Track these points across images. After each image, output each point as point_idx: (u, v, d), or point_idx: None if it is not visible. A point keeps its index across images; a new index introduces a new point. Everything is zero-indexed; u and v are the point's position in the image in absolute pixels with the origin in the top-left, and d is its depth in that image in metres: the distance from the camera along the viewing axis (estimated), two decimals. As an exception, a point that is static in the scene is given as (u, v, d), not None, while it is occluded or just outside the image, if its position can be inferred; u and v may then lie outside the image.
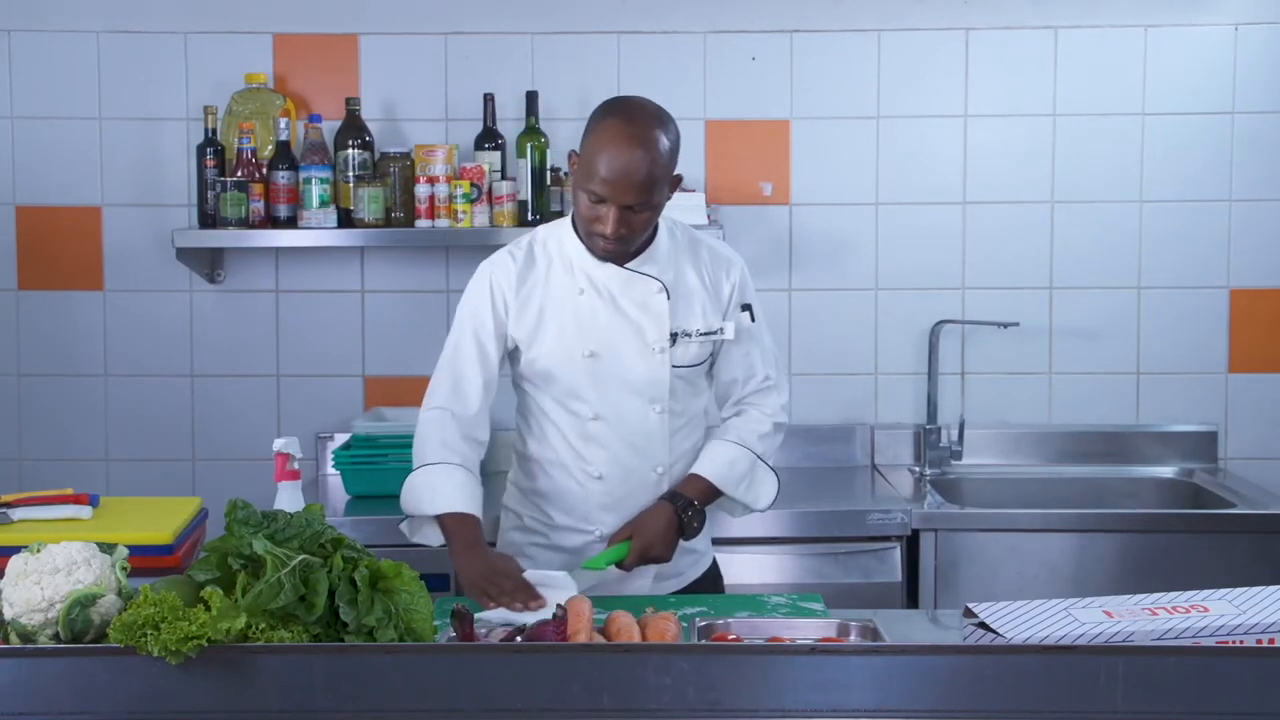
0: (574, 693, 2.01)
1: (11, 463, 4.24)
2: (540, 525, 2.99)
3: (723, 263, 2.97)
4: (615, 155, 2.70)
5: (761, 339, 3.01)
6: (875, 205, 4.29)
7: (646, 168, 2.71)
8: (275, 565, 2.09)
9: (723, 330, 2.93)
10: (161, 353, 4.26)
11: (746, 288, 2.98)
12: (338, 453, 3.94)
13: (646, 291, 2.89)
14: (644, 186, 2.72)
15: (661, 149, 2.74)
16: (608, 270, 2.88)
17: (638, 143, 2.71)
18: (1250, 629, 2.15)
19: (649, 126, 2.75)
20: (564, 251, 2.92)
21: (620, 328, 2.88)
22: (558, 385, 2.90)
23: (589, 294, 2.88)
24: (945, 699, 2.01)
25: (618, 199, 2.72)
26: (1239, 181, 4.26)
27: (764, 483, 2.98)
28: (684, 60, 4.25)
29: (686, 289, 2.92)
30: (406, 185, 4.07)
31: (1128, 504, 4.17)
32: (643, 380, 2.89)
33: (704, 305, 2.93)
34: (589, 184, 2.74)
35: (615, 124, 2.74)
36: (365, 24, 4.24)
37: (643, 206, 2.75)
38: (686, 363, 2.92)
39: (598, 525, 2.94)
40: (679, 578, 3.01)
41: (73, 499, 2.70)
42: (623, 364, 2.88)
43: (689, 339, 2.90)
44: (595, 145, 2.74)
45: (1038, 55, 4.26)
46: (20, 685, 2.03)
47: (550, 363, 2.88)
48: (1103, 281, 4.29)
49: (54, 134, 4.23)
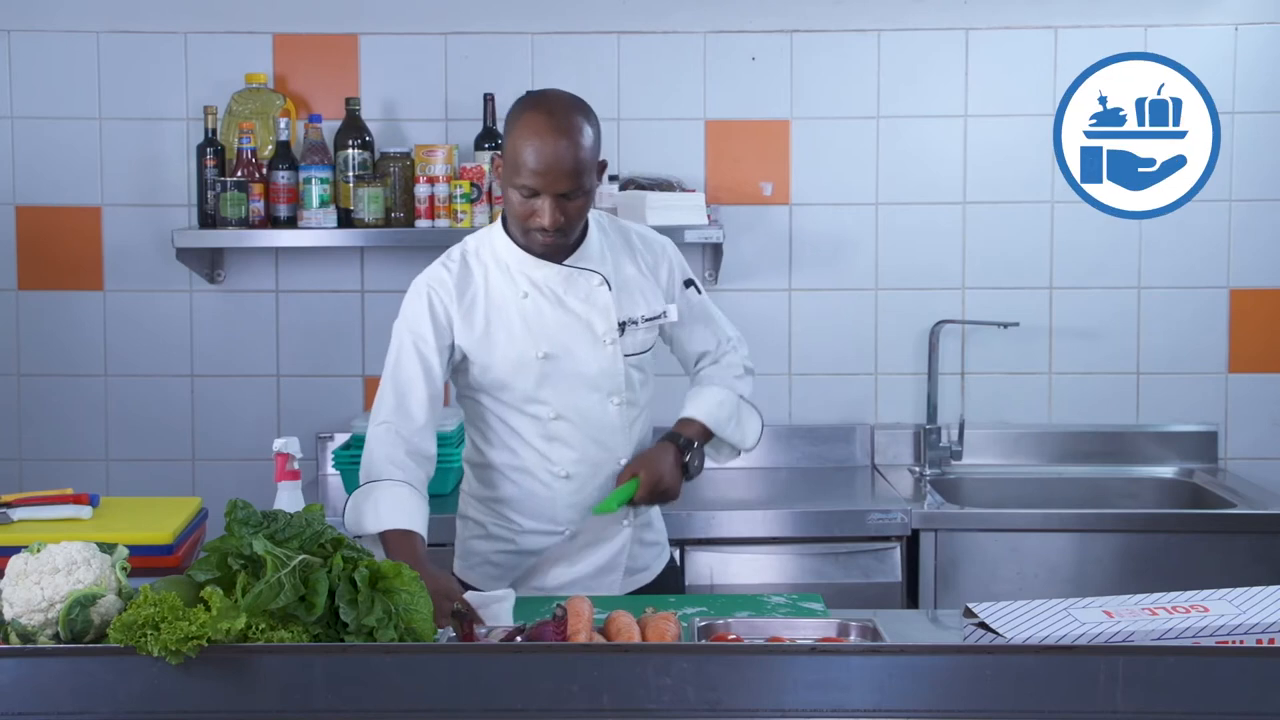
0: (574, 693, 2.01)
1: (11, 463, 4.24)
2: (505, 531, 2.98)
3: (654, 247, 3.04)
4: (542, 146, 2.73)
5: (711, 308, 3.11)
6: (875, 205, 4.29)
7: (574, 154, 2.74)
8: (275, 565, 2.09)
9: (666, 314, 2.98)
10: (161, 353, 4.27)
11: (683, 265, 3.06)
12: (338, 453, 3.94)
13: (588, 286, 2.91)
14: (574, 173, 2.75)
15: (586, 134, 2.78)
16: (548, 270, 2.90)
17: (562, 131, 2.74)
18: (1250, 629, 2.15)
19: (570, 114, 2.78)
20: (499, 257, 2.92)
21: (569, 325, 2.90)
22: (514, 390, 2.90)
23: (533, 296, 2.89)
24: (945, 699, 2.01)
25: (551, 188, 2.75)
26: (1239, 182, 4.26)
27: (750, 421, 3.06)
28: (684, 60, 4.25)
29: (626, 278, 2.96)
30: (406, 185, 4.07)
31: (1128, 504, 4.18)
32: (598, 374, 2.91)
33: (644, 291, 2.98)
34: (519, 180, 2.76)
35: (537, 116, 2.77)
36: (365, 24, 4.24)
37: (575, 193, 2.78)
38: (637, 350, 2.96)
39: (565, 525, 2.95)
40: (646, 571, 3.04)
41: (73, 499, 2.70)
42: (577, 360, 2.90)
43: (636, 327, 2.94)
44: (520, 140, 2.76)
45: (1038, 55, 4.26)
46: (20, 685, 2.03)
47: (504, 369, 2.89)
48: (1103, 281, 4.29)
49: (54, 134, 4.23)
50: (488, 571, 2.99)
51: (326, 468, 4.16)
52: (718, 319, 3.12)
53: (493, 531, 3.00)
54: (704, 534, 3.71)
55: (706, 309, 3.09)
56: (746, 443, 3.06)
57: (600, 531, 2.97)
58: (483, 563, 3.00)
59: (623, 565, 2.99)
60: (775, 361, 4.30)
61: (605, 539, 2.98)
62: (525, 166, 2.74)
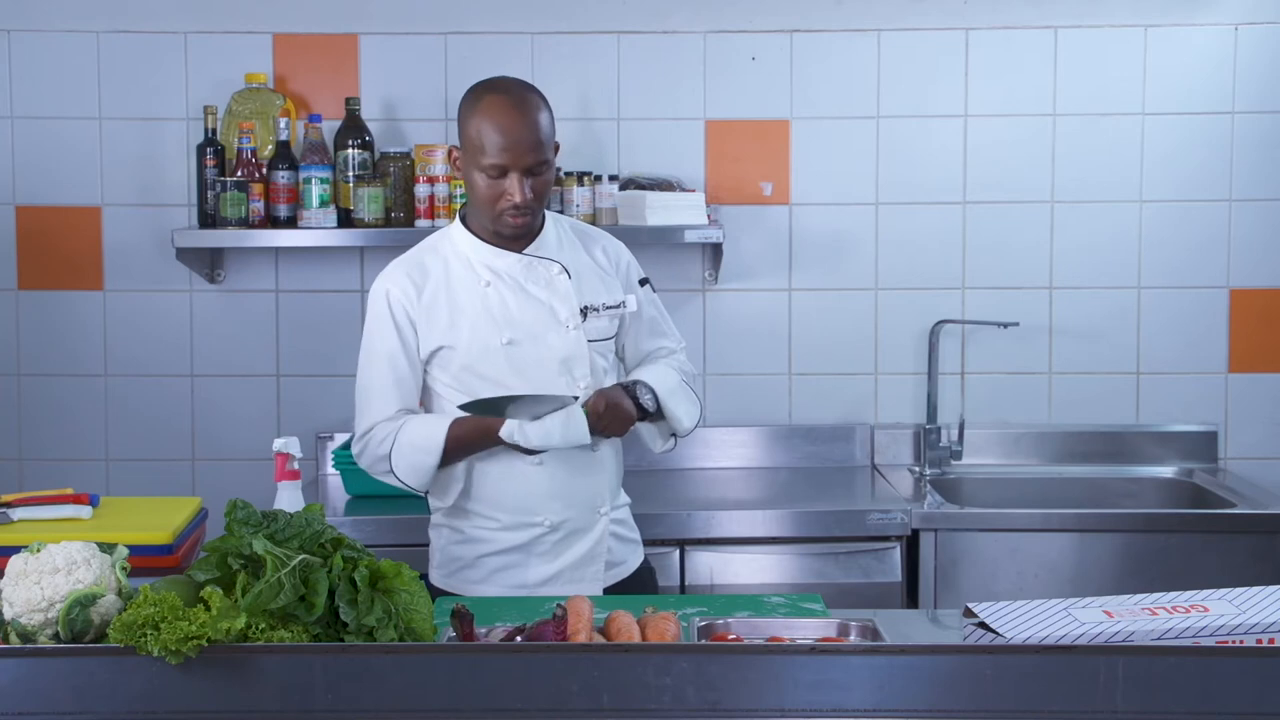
0: (574, 693, 2.01)
1: (11, 463, 4.24)
2: (484, 532, 2.99)
3: (611, 244, 3.12)
4: (509, 124, 2.83)
5: (663, 310, 3.18)
6: (875, 205, 4.29)
7: (538, 127, 2.86)
8: (275, 565, 2.09)
9: (625, 304, 3.04)
10: (161, 353, 4.26)
11: (636, 264, 3.13)
12: (338, 453, 3.94)
13: (548, 273, 2.96)
14: (540, 145, 2.86)
15: (544, 110, 2.90)
16: (508, 259, 2.95)
17: (524, 106, 2.86)
18: (1250, 629, 2.15)
19: (526, 92, 2.91)
20: (458, 251, 2.98)
21: (532, 310, 2.94)
22: (480, 379, 2.92)
23: (495, 284, 2.94)
24: (945, 699, 2.01)
25: (520, 163, 2.83)
26: (1239, 181, 4.26)
27: (691, 402, 3.07)
28: (684, 60, 4.25)
29: (584, 267, 3.02)
30: (406, 185, 4.07)
31: (1128, 504, 4.17)
32: (563, 358, 2.94)
33: (604, 281, 3.03)
34: (485, 161, 2.84)
35: (496, 98, 2.87)
36: (365, 24, 4.24)
37: (541, 167, 2.87)
38: (599, 336, 3.00)
39: (545, 514, 2.97)
40: (623, 565, 3.07)
41: (73, 499, 2.70)
42: (542, 345, 2.94)
43: (598, 313, 2.99)
44: (483, 123, 2.85)
45: (1038, 55, 4.26)
46: (20, 685, 2.03)
47: (469, 358, 2.92)
48: (1103, 281, 4.29)
49: (54, 134, 4.23)
50: (469, 576, 3.00)
51: (326, 468, 4.16)
52: (669, 322, 3.19)
53: (470, 535, 3.00)
54: (704, 534, 3.71)
55: (660, 309, 3.16)
56: (685, 422, 3.04)
57: (578, 522, 2.98)
58: (463, 568, 3.01)
59: (603, 557, 3.01)
60: (775, 361, 4.30)
61: (583, 529, 2.99)
62: (494, 146, 2.83)
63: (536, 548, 2.97)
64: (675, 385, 3.03)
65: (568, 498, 2.97)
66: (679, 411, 3.02)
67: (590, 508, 3.00)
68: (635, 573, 3.11)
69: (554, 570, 2.97)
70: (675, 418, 3.02)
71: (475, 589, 2.97)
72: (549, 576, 2.96)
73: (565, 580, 2.95)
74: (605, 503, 3.02)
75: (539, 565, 2.97)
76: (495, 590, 2.95)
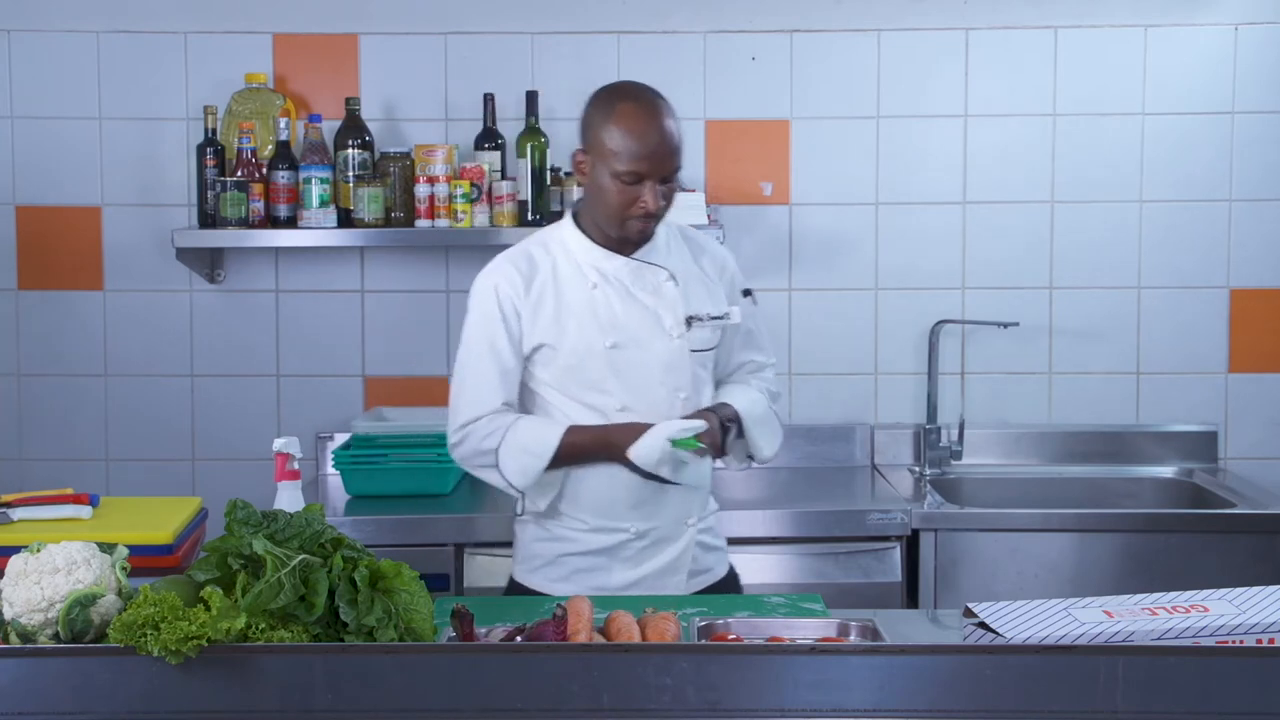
0: (574, 693, 2.01)
1: (11, 463, 4.24)
2: (570, 532, 2.98)
3: (714, 252, 3.10)
4: (647, 131, 2.81)
5: (761, 323, 3.16)
6: (875, 205, 4.29)
7: (676, 133, 2.86)
8: (275, 565, 2.09)
9: (729, 315, 3.01)
10: (161, 353, 4.27)
11: (740, 276, 3.11)
12: (338, 453, 3.94)
13: (656, 280, 2.94)
14: (678, 152, 2.86)
15: (677, 116, 2.89)
16: (616, 263, 2.93)
17: (660, 114, 2.85)
18: (1250, 629, 2.15)
19: (659, 100, 2.89)
20: (568, 250, 2.96)
21: (638, 316, 2.93)
22: (581, 380, 2.91)
23: (602, 287, 2.93)
24: (945, 699, 2.01)
25: (658, 171, 2.82)
26: (1239, 181, 4.26)
27: (775, 430, 3.06)
28: (684, 60, 4.25)
29: (691, 276, 3.00)
30: (406, 185, 4.07)
31: (1128, 504, 4.17)
32: (665, 366, 2.93)
33: (709, 291, 3.01)
34: (619, 167, 2.81)
35: (630, 105, 2.84)
36: (365, 24, 4.24)
37: (675, 175, 2.87)
38: (702, 347, 2.98)
39: (631, 522, 2.95)
40: (708, 574, 3.05)
41: (73, 499, 2.70)
42: (645, 351, 2.92)
43: (702, 323, 2.97)
44: (619, 130, 2.81)
45: (1038, 55, 4.26)
46: (20, 685, 2.03)
47: (572, 359, 2.91)
48: (1103, 281, 4.29)
49: (54, 134, 4.23)
50: (549, 574, 2.99)
51: (326, 468, 4.16)
52: (765, 334, 3.17)
53: (555, 533, 2.99)
54: (704, 534, 3.71)
55: (758, 321, 3.14)
56: (765, 451, 3.03)
57: (664, 531, 2.97)
58: (545, 565, 2.99)
59: (686, 567, 2.99)
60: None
61: (669, 538, 2.98)
62: (631, 153, 2.80)
63: (621, 553, 2.96)
64: (761, 415, 3.01)
65: (657, 507, 2.95)
66: (761, 441, 3.02)
67: (678, 519, 2.98)
68: (720, 581, 3.07)
69: (636, 576, 2.95)
70: (756, 446, 3.02)
71: (555, 587, 2.95)
72: (631, 582, 2.95)
73: (646, 588, 2.93)
74: (694, 514, 3.00)
75: (622, 570, 2.96)
76: (574, 590, 2.92)
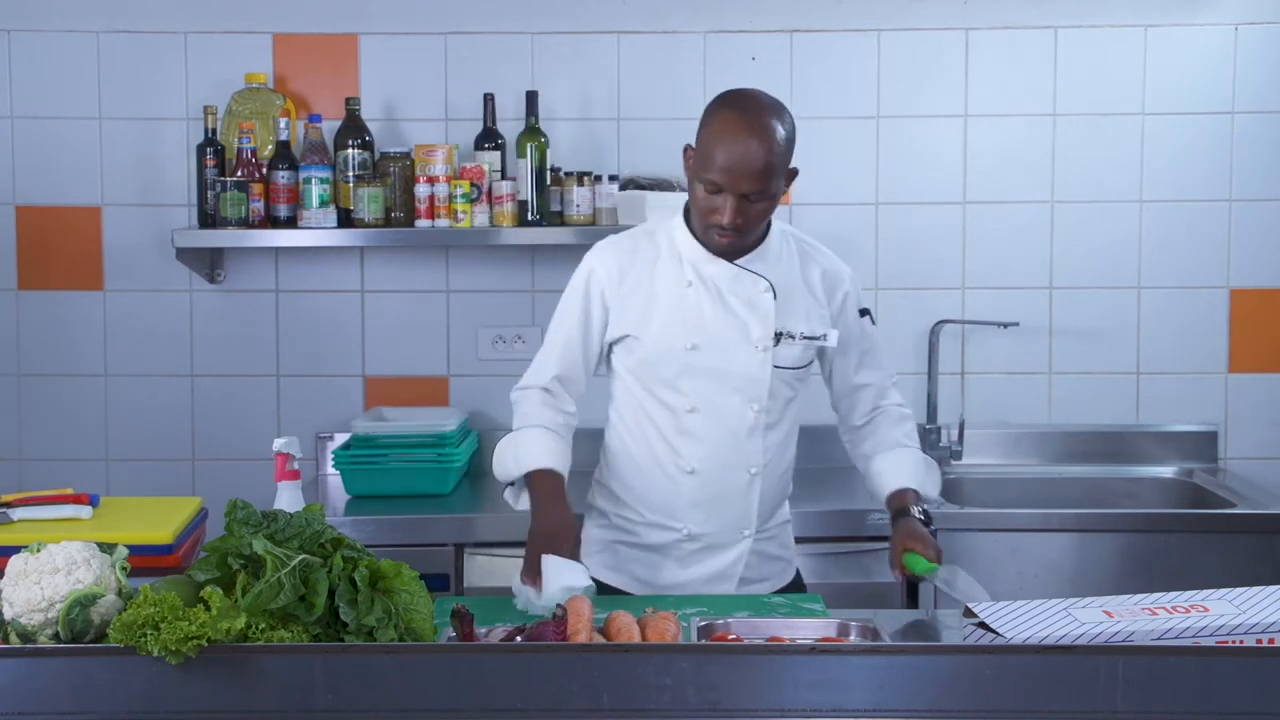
0: (574, 693, 2.01)
1: (11, 463, 4.24)
2: (626, 522, 3.00)
3: (833, 271, 3.02)
4: (733, 144, 2.75)
5: (881, 343, 3.11)
6: (875, 205, 4.29)
7: (764, 156, 2.75)
8: (275, 565, 2.09)
9: (826, 337, 2.97)
10: (161, 353, 4.27)
11: (860, 295, 3.05)
12: (338, 453, 3.94)
13: (754, 289, 2.92)
14: (761, 175, 2.76)
15: (778, 138, 2.78)
16: (717, 265, 2.91)
17: (754, 131, 2.76)
18: (1250, 629, 2.15)
19: (765, 116, 2.79)
20: (674, 244, 2.96)
21: (725, 323, 2.91)
22: (657, 376, 2.92)
23: (696, 287, 2.91)
24: (945, 699, 2.01)
25: (735, 188, 2.77)
26: (1239, 181, 4.26)
27: (936, 474, 3.06)
28: (684, 60, 4.25)
29: (794, 291, 2.95)
30: (406, 185, 4.07)
31: (1128, 504, 4.17)
32: (743, 377, 2.91)
33: (810, 310, 2.97)
34: (706, 174, 2.79)
35: (731, 115, 2.80)
36: (365, 24, 4.24)
37: (759, 196, 2.79)
38: (787, 364, 2.95)
39: (685, 523, 2.95)
40: (765, 583, 3.03)
41: (73, 499, 2.70)
42: (724, 359, 2.91)
43: (792, 341, 2.94)
44: (712, 136, 2.79)
45: (1038, 55, 4.26)
46: (20, 685, 2.03)
47: (652, 352, 2.91)
48: (1103, 281, 4.29)
49: (54, 134, 4.23)
50: (604, 560, 3.00)
51: (326, 468, 4.16)
52: (884, 354, 3.11)
53: (614, 521, 3.02)
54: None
55: (877, 343, 3.08)
56: (933, 494, 3.04)
57: (718, 537, 2.96)
58: (601, 550, 3.01)
59: (737, 575, 2.98)
60: (775, 361, 4.29)
61: (723, 545, 2.97)
62: (714, 163, 2.77)
63: (673, 552, 2.97)
64: (926, 472, 3.01)
65: (711, 511, 2.95)
66: (933, 492, 3.03)
67: (734, 527, 2.97)
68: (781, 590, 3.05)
69: (686, 578, 2.95)
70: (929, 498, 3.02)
71: (605, 574, 2.97)
72: (680, 582, 2.95)
73: (693, 592, 2.92)
74: (751, 525, 2.98)
75: (673, 569, 2.96)
76: (623, 580, 2.97)
